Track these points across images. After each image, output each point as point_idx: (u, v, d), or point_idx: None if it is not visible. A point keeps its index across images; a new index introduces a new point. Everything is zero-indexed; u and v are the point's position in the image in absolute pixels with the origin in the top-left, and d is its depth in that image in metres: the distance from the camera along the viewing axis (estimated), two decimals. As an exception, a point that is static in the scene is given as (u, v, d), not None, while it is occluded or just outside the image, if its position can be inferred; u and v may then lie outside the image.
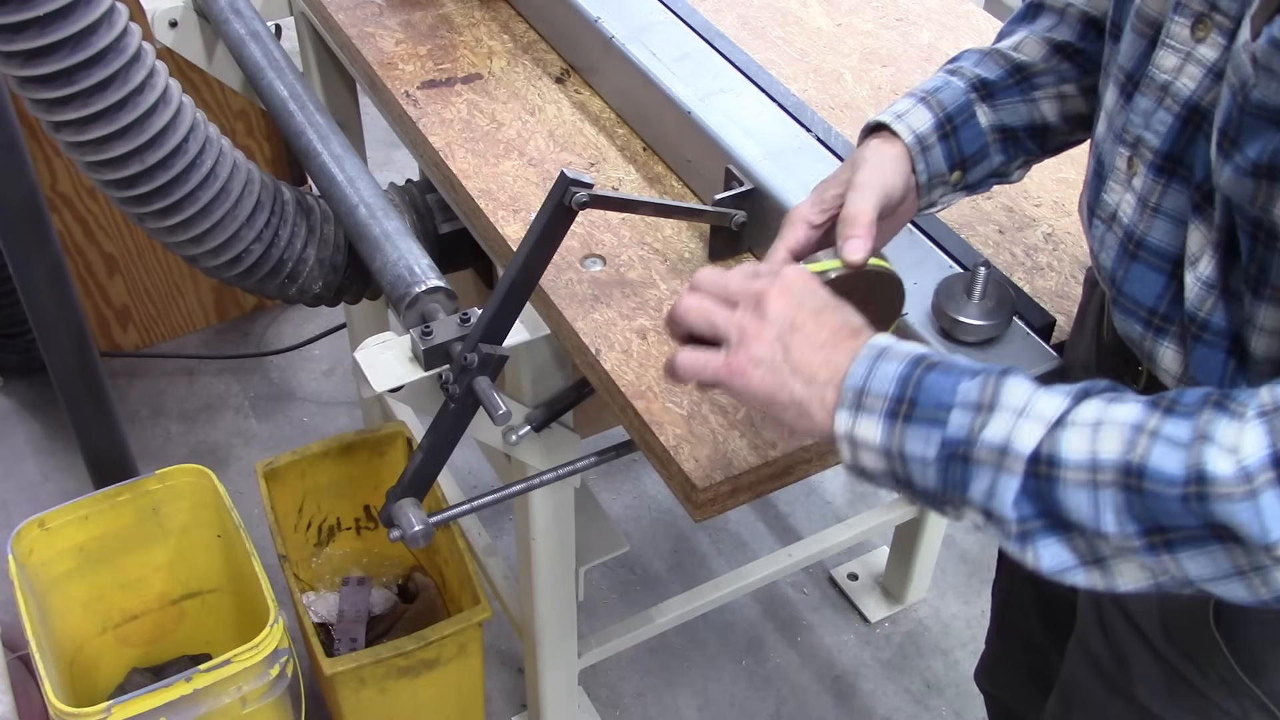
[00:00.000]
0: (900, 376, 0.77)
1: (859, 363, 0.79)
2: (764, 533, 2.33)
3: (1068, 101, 1.04)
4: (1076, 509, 0.71)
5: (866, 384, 0.78)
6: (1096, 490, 0.70)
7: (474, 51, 1.53)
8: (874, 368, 0.78)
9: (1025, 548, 0.74)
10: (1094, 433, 0.71)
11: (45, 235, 1.64)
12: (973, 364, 0.77)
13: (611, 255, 1.24)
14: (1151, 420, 0.70)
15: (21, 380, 2.53)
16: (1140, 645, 1.05)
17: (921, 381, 0.76)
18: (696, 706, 2.05)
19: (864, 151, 0.99)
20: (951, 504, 0.77)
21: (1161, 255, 0.88)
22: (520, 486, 1.29)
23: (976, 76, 1.02)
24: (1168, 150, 0.85)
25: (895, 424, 0.77)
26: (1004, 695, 1.51)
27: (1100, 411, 0.71)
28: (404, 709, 1.79)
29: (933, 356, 0.78)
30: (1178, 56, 0.83)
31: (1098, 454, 0.70)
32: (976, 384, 0.75)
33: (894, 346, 0.79)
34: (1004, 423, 0.73)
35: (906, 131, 0.99)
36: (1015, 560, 0.75)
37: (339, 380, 2.61)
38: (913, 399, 0.76)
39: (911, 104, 1.01)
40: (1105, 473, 0.70)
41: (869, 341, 0.80)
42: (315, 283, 1.47)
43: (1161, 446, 0.69)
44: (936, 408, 0.75)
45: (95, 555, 1.79)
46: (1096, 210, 0.94)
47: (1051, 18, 1.05)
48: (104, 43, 1.17)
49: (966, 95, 1.01)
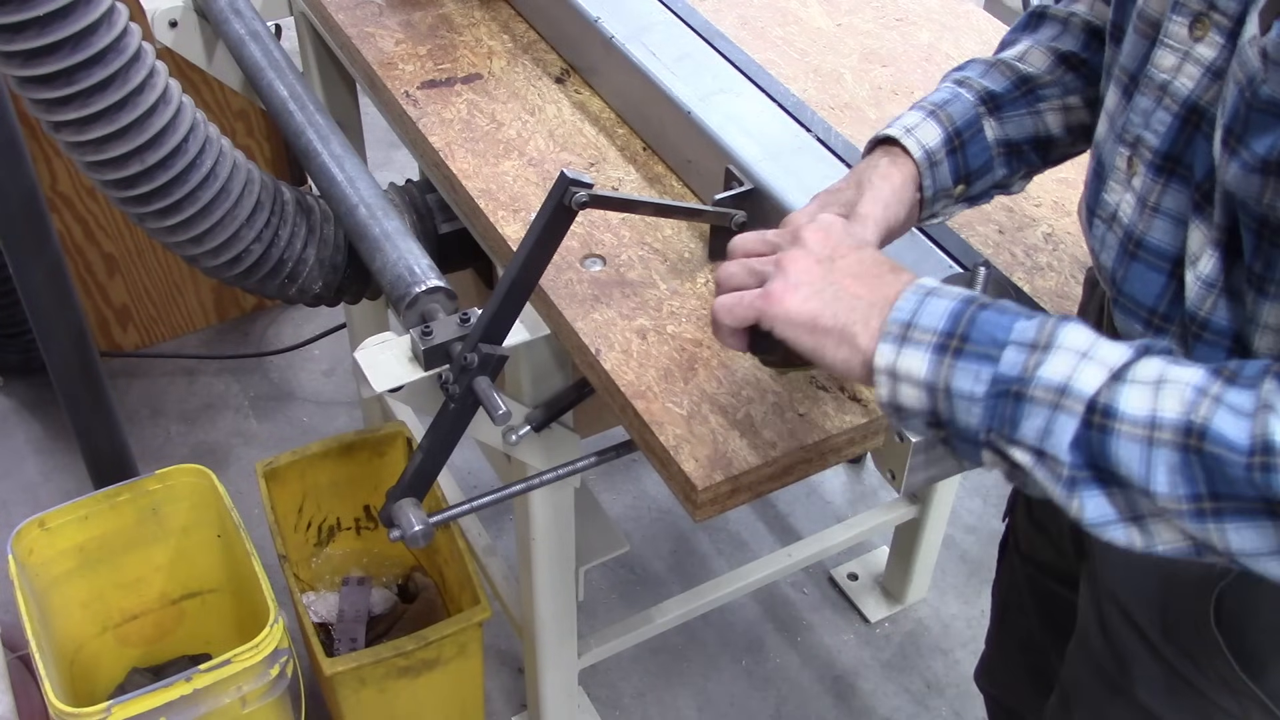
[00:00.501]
0: (952, 313, 0.76)
1: (907, 296, 0.78)
2: (764, 533, 2.33)
3: (1072, 113, 1.03)
4: (1127, 463, 0.70)
5: (915, 318, 0.77)
6: (1151, 447, 0.69)
7: (474, 51, 1.53)
8: (924, 302, 0.77)
9: (1072, 495, 0.73)
10: (1155, 390, 0.69)
11: (45, 235, 1.64)
12: (1027, 309, 0.76)
13: (611, 255, 1.24)
14: (1214, 386, 0.69)
15: (21, 380, 2.53)
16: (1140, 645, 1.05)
17: (975, 318, 0.75)
18: (696, 706, 2.05)
19: (871, 173, 0.98)
20: (992, 445, 0.75)
21: (1161, 255, 0.88)
22: (520, 486, 1.29)
23: (984, 89, 1.01)
24: (1167, 150, 0.85)
25: (944, 358, 0.75)
26: (1003, 695, 1.51)
27: (1162, 369, 0.70)
28: (404, 709, 1.79)
29: (984, 298, 0.77)
30: (1176, 56, 0.83)
31: (1158, 411, 0.69)
32: (1034, 324, 0.74)
33: (943, 286, 0.78)
34: (1065, 362, 0.71)
35: (916, 147, 0.98)
36: (1060, 506, 0.74)
37: (339, 380, 2.61)
38: (964, 334, 0.75)
39: (921, 117, 1.00)
40: (1164, 430, 0.69)
41: (917, 280, 0.79)
42: (315, 283, 1.47)
43: (1225, 412, 0.67)
44: (990, 344, 0.74)
45: (95, 555, 1.79)
46: (1096, 210, 0.94)
47: (1055, 27, 1.04)
48: (104, 43, 1.17)
49: (975, 109, 1.00)
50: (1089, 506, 0.73)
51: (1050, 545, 1.27)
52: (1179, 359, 0.72)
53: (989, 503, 2.40)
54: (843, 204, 0.96)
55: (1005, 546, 1.41)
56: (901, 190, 0.97)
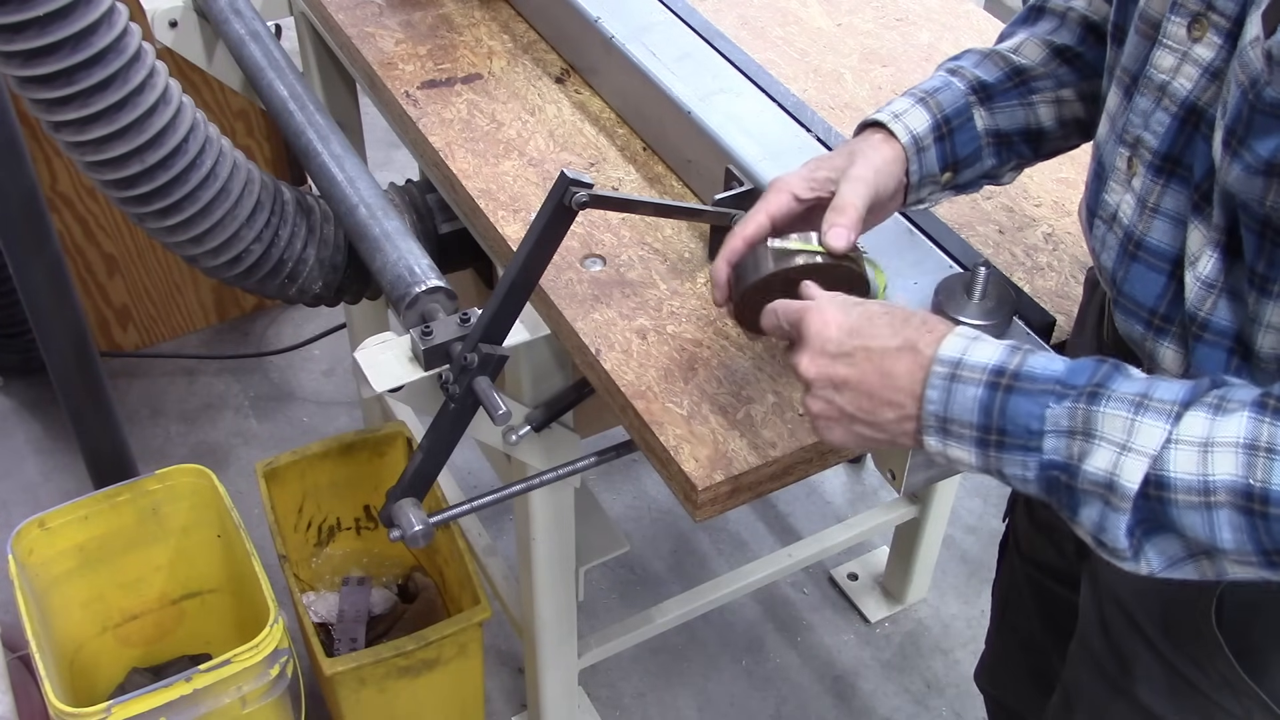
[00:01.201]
0: (981, 404, 0.76)
1: (933, 389, 0.78)
2: (764, 533, 2.33)
3: (1065, 106, 1.04)
4: (1190, 527, 0.71)
5: (948, 411, 0.78)
6: (1211, 510, 0.70)
7: (474, 51, 1.53)
8: (951, 393, 0.78)
9: (1139, 561, 0.75)
10: (1203, 454, 0.70)
11: (45, 235, 1.64)
12: (1052, 372, 0.76)
13: (611, 255, 1.24)
14: (1264, 433, 0.69)
15: (21, 380, 2.53)
16: (1142, 646, 1.05)
17: (1005, 409, 0.76)
18: (696, 706, 2.05)
19: (861, 145, 0.99)
20: (1057, 512, 0.78)
21: (1161, 255, 0.88)
22: (520, 486, 1.29)
23: (976, 79, 1.02)
24: (1166, 150, 0.85)
25: (988, 450, 0.77)
26: (1004, 695, 1.51)
27: (1207, 428, 0.71)
28: (404, 709, 1.79)
29: (1008, 368, 0.77)
30: (1175, 56, 0.83)
31: (1211, 476, 0.70)
32: (1065, 411, 0.74)
33: (965, 361, 0.78)
34: (1106, 458, 0.73)
35: (904, 131, 0.99)
36: (1098, 563, 0.76)
37: (339, 380, 2.61)
38: (1000, 428, 0.76)
39: (910, 104, 1.01)
40: (1219, 494, 0.69)
41: (934, 361, 0.79)
42: (315, 283, 1.47)
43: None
44: (1027, 435, 0.75)
45: (95, 555, 1.79)
46: (1097, 211, 0.94)
47: (1052, 21, 1.05)
48: (104, 43, 1.17)
49: (965, 98, 1.01)
50: (1154, 560, 0.74)
51: (1051, 546, 1.27)
52: (1225, 403, 0.71)
53: (989, 503, 2.40)
54: (833, 168, 0.97)
55: (1005, 547, 1.40)
56: (891, 164, 0.98)
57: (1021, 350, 0.78)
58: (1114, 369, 0.76)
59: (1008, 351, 0.78)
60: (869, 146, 0.99)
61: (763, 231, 0.97)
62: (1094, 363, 0.76)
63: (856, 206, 0.93)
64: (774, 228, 0.97)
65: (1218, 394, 0.72)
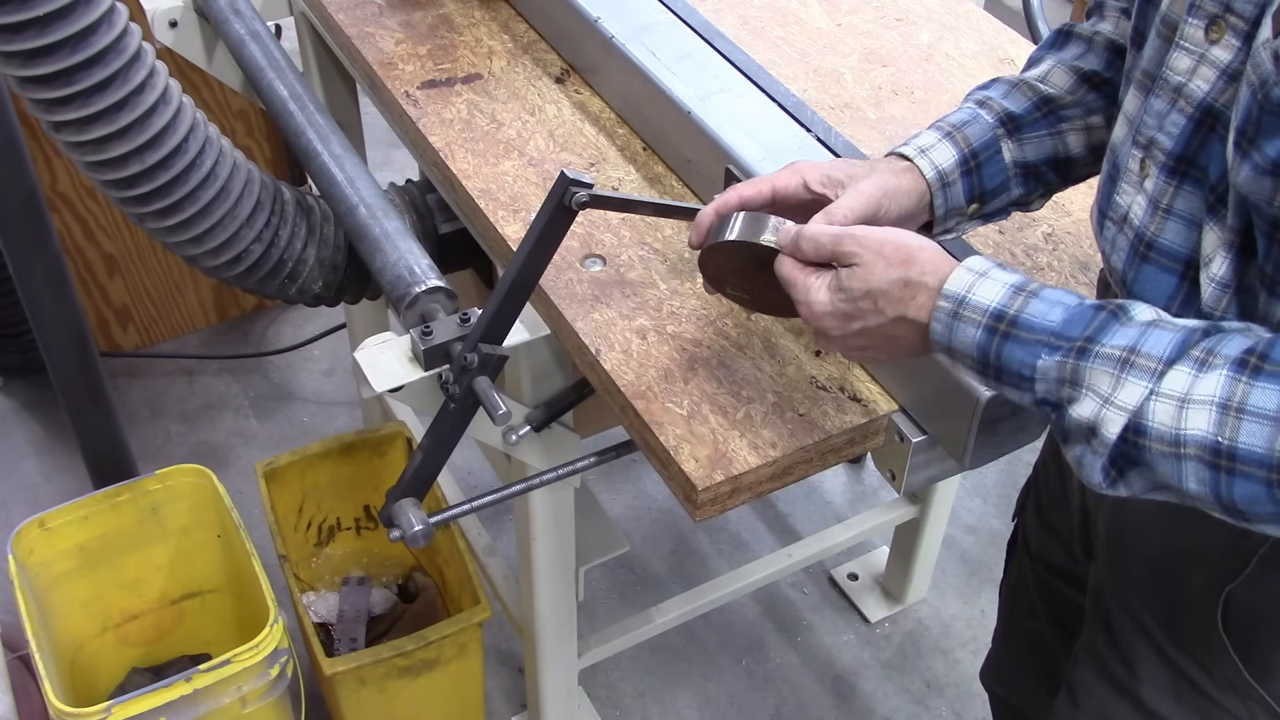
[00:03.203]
0: (979, 345, 0.83)
1: (937, 322, 0.84)
2: (764, 533, 2.33)
3: (1094, 133, 1.04)
4: (1163, 471, 0.76)
5: (951, 343, 0.84)
6: (1181, 460, 0.75)
7: (474, 51, 1.53)
8: (953, 329, 0.84)
9: (1117, 488, 0.80)
10: (1180, 409, 0.74)
11: (45, 235, 1.64)
12: (1049, 323, 0.80)
13: (611, 255, 1.24)
14: (1238, 391, 0.72)
15: (21, 380, 2.53)
16: (1148, 648, 1.05)
17: (1000, 353, 0.82)
18: (696, 706, 2.05)
19: (884, 165, 1.00)
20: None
21: (1172, 256, 0.88)
22: (520, 486, 1.29)
23: (1004, 110, 1.02)
24: (1180, 152, 0.85)
25: (988, 379, 0.84)
26: (1009, 695, 1.51)
27: (1188, 384, 0.75)
28: (404, 709, 1.79)
29: (1008, 314, 0.81)
30: (1191, 58, 0.83)
31: (1184, 430, 0.74)
32: (1054, 364, 0.80)
33: (968, 300, 0.83)
34: (1090, 408, 0.78)
35: (929, 167, 0.99)
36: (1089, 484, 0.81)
37: (339, 380, 2.61)
38: (996, 368, 0.82)
39: (937, 138, 1.01)
40: (1189, 447, 0.74)
41: (940, 295, 0.84)
42: (315, 283, 1.47)
43: (1250, 424, 0.72)
44: (1020, 379, 0.82)
45: (95, 555, 1.79)
46: (1108, 212, 0.94)
47: (1079, 45, 1.05)
48: (104, 43, 1.17)
49: (993, 131, 1.02)
50: (1135, 485, 0.79)
51: (1060, 546, 1.27)
52: (1211, 357, 0.75)
53: (989, 503, 2.40)
54: (849, 174, 0.98)
55: (1013, 546, 1.40)
56: (905, 193, 0.99)
57: (1025, 292, 0.82)
58: (1111, 317, 0.79)
59: (1010, 293, 0.82)
60: (890, 169, 0.99)
61: (761, 199, 0.98)
62: (1092, 310, 0.80)
63: (846, 218, 0.94)
64: (774, 202, 0.98)
65: (1206, 346, 0.76)
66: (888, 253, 0.86)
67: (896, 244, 0.86)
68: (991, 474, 2.45)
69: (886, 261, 0.86)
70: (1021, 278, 0.83)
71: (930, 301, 0.84)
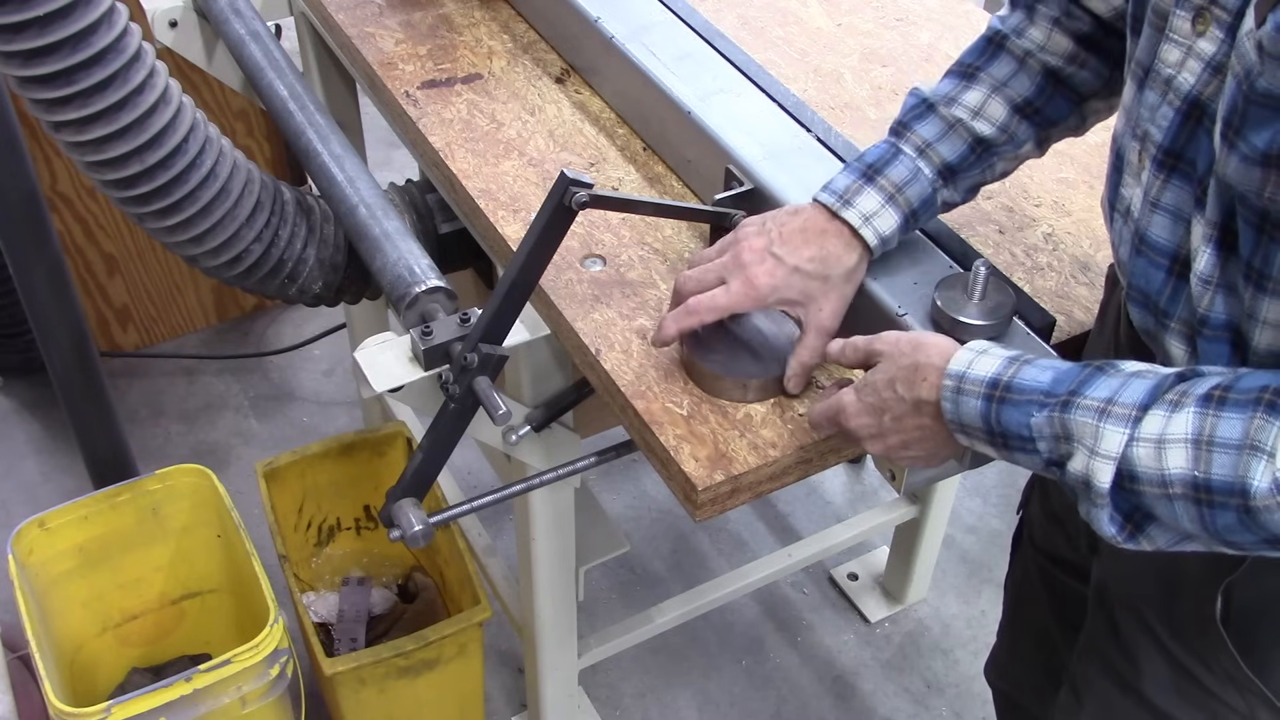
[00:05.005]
0: (981, 414, 0.86)
1: (946, 400, 0.88)
2: (764, 533, 2.33)
3: (1020, 159, 1.10)
4: (1162, 514, 0.78)
5: (960, 419, 0.87)
6: (1172, 501, 0.77)
7: (474, 51, 1.53)
8: (959, 404, 0.87)
9: (1140, 542, 0.81)
10: (1159, 450, 0.77)
11: (45, 235, 1.64)
12: (1038, 383, 0.83)
13: (611, 255, 1.24)
14: (1207, 425, 0.75)
15: (21, 380, 2.53)
16: (1149, 642, 1.05)
17: (1000, 418, 0.85)
18: (696, 706, 2.05)
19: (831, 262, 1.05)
20: None
21: (1159, 250, 0.88)
22: (520, 486, 1.29)
23: (942, 161, 1.07)
24: (1169, 145, 0.85)
25: (999, 449, 0.87)
26: (1013, 690, 1.50)
27: (1163, 426, 0.77)
28: (404, 709, 1.79)
29: (1002, 380, 0.85)
30: (1180, 50, 0.83)
31: (1167, 470, 0.76)
32: (1045, 419, 0.82)
33: (967, 375, 0.86)
34: (1081, 461, 0.80)
35: (873, 236, 1.06)
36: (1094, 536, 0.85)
37: (339, 380, 2.61)
38: (1001, 433, 0.85)
39: (880, 203, 1.06)
40: (1176, 486, 0.76)
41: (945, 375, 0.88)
42: (315, 283, 1.47)
43: (1220, 455, 0.74)
44: (1022, 440, 0.84)
45: (95, 555, 1.79)
46: (1115, 204, 0.95)
47: (1010, 64, 1.06)
48: (104, 43, 1.17)
49: (931, 185, 1.07)
50: (1159, 540, 0.81)
51: (1063, 537, 1.27)
52: (1182, 400, 0.77)
53: (989, 503, 2.40)
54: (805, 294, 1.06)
55: (1019, 539, 1.40)
56: (856, 271, 1.07)
57: (1019, 361, 0.86)
58: (1096, 372, 0.81)
59: (1005, 363, 0.86)
60: (837, 263, 1.05)
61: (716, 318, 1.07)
62: (1079, 368, 0.83)
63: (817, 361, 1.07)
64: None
65: (1180, 389, 0.78)
66: (902, 345, 0.92)
67: (909, 337, 0.93)
68: (991, 474, 2.45)
69: (901, 351, 0.92)
70: (1018, 351, 0.87)
71: (938, 381, 0.88)
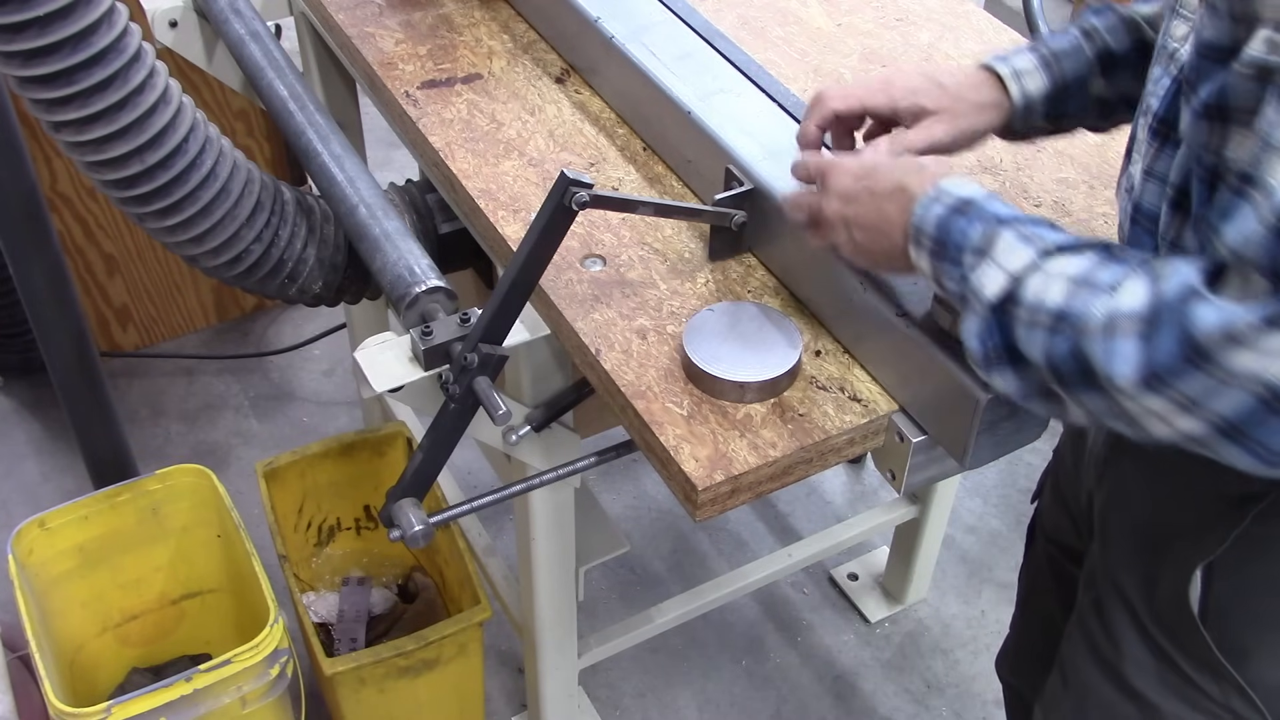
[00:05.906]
0: (939, 221, 0.90)
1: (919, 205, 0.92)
2: (764, 533, 2.33)
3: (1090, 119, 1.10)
4: (1020, 340, 0.82)
5: (921, 223, 0.91)
6: (1033, 329, 0.80)
7: (474, 51, 1.53)
8: (927, 209, 0.91)
9: (990, 373, 0.86)
10: (1046, 281, 0.80)
11: (45, 235, 1.64)
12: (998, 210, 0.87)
13: (611, 255, 1.24)
14: (1095, 272, 0.78)
15: (21, 380, 2.53)
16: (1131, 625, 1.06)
17: (950, 226, 0.89)
18: (696, 706, 2.05)
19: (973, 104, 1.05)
20: None
21: (1150, 217, 0.91)
22: (520, 486, 1.29)
23: (1105, 47, 1.06)
24: (1163, 114, 0.88)
25: (933, 258, 0.90)
26: (1023, 684, 1.50)
27: (1062, 266, 0.80)
28: (404, 709, 1.79)
29: (974, 200, 0.89)
30: (1187, 25, 0.86)
31: (1044, 300, 0.80)
32: (980, 232, 0.86)
33: (945, 189, 0.91)
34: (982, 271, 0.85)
35: (1019, 94, 1.05)
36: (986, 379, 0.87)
37: (339, 380, 2.61)
38: (943, 240, 0.89)
39: (1033, 64, 1.06)
40: (1041, 315, 0.80)
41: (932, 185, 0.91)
42: (315, 283, 1.47)
43: (1084, 292, 0.78)
44: (958, 249, 0.88)
45: (95, 555, 1.79)
46: (1122, 183, 0.97)
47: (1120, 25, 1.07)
48: (104, 43, 1.17)
49: (1089, 66, 1.06)
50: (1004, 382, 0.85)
51: (1070, 526, 1.27)
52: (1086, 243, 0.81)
53: (989, 503, 2.40)
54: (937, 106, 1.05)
55: (1033, 530, 1.40)
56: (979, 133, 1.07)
57: (995, 197, 0.89)
58: (1043, 221, 0.86)
59: (987, 195, 0.90)
60: (976, 108, 1.05)
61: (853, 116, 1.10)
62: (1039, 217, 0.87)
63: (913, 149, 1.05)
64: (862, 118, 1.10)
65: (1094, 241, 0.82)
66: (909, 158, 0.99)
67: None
68: (991, 474, 2.45)
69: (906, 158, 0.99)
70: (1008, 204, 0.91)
71: (928, 184, 0.92)
